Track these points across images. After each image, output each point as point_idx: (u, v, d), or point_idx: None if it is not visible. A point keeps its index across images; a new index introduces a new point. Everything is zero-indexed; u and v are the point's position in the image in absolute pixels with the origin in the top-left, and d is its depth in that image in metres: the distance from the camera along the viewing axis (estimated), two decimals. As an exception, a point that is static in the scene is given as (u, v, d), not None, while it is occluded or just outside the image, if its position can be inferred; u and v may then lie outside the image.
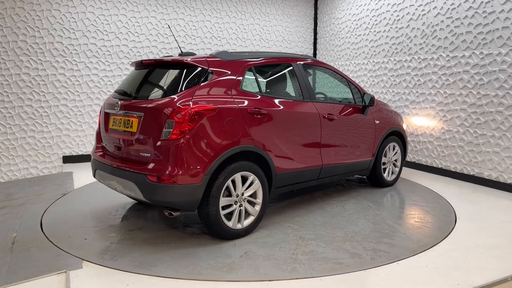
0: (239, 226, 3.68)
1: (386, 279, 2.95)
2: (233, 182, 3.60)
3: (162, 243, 3.59)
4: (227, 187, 3.56)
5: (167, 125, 3.34)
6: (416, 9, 6.37)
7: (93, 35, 6.76)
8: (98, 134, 4.17)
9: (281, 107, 4.08)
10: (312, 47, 9.08)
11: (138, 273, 3.01)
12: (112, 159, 3.80)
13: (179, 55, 4.03)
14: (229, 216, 3.61)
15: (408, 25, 6.53)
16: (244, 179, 3.69)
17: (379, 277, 2.98)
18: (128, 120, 3.66)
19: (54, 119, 6.57)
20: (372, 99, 5.00)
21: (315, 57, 9.04)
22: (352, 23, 7.87)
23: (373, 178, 5.43)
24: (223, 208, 3.56)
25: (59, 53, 6.54)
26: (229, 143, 3.52)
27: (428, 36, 6.17)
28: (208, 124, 3.43)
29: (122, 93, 3.92)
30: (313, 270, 3.11)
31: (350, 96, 5.09)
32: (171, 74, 3.80)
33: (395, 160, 5.58)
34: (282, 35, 8.65)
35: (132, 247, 3.49)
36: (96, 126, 6.88)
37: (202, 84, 3.56)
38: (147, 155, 3.43)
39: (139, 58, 7.15)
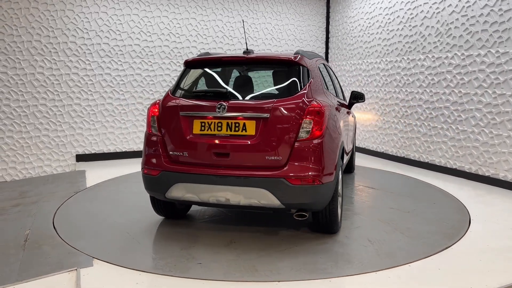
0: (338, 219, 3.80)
1: (397, 281, 2.90)
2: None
3: (284, 250, 3.40)
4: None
5: (305, 125, 3.28)
6: (431, 7, 6.26)
7: (106, 35, 6.82)
8: (161, 141, 3.55)
9: (339, 103, 4.35)
10: (324, 46, 9.01)
11: (147, 272, 3.01)
12: (213, 168, 3.37)
13: (244, 52, 3.93)
14: None
15: (422, 23, 6.43)
16: None
17: (389, 279, 2.93)
18: (237, 122, 3.35)
19: (68, 118, 6.65)
20: (363, 95, 5.31)
21: (327, 56, 8.99)
22: (365, 21, 7.79)
23: (347, 166, 5.82)
24: None
25: (73, 52, 6.61)
26: (340, 139, 3.69)
27: (443, 34, 6.07)
28: (331, 121, 3.52)
29: (219, 95, 3.54)
30: (440, 241, 3.58)
31: (340, 93, 5.41)
32: (277, 72, 3.79)
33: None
34: (294, 34, 8.60)
35: (265, 259, 3.23)
36: (108, 125, 6.94)
37: (310, 82, 3.58)
38: (277, 158, 3.24)
39: (151, 58, 7.19)
